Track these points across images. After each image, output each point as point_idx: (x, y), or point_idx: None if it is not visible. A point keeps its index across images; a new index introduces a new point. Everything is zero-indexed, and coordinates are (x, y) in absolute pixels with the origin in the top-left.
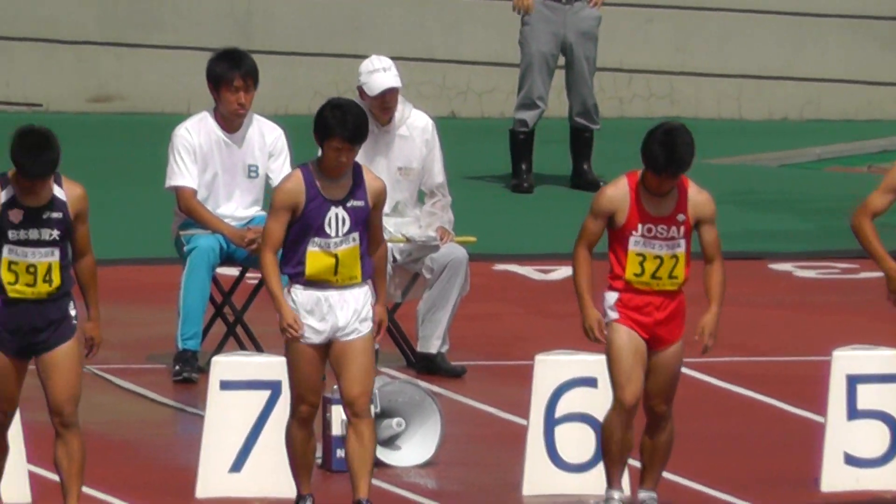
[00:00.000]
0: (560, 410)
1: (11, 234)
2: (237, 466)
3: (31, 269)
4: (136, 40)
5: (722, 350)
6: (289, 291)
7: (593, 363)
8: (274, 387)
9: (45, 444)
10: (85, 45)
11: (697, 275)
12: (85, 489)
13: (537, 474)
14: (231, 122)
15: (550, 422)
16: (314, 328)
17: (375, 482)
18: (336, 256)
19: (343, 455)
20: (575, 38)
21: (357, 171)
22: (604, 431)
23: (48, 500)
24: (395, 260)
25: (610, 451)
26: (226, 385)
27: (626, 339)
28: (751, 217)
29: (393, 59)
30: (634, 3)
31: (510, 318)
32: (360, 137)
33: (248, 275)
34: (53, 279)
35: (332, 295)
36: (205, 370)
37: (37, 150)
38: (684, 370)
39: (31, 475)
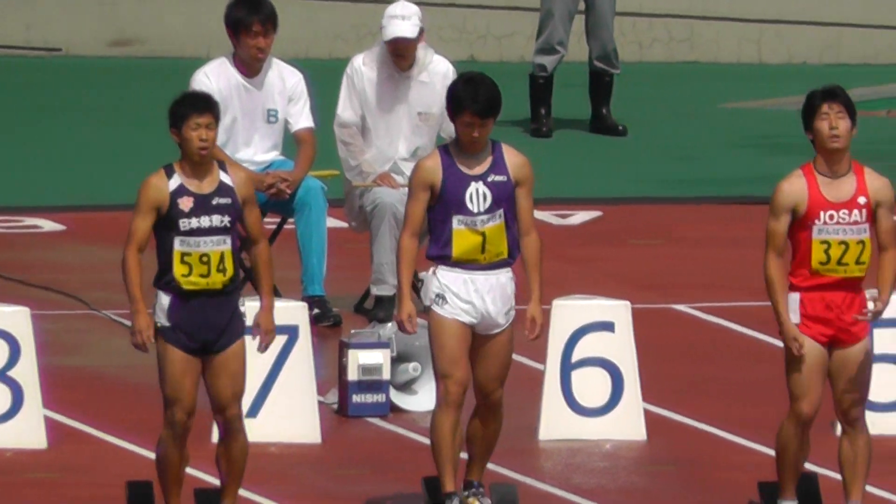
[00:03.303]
0: (577, 355)
1: (182, 224)
2: (253, 412)
3: (205, 259)
4: None
5: (745, 294)
6: (434, 273)
7: (611, 308)
8: (291, 332)
9: (61, 390)
10: None
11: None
12: (101, 434)
13: (553, 418)
14: (250, 67)
15: (567, 366)
16: (462, 308)
17: (391, 427)
18: (483, 234)
19: (360, 400)
20: None
21: (496, 147)
22: (778, 441)
23: (64, 444)
24: None
25: (784, 462)
26: None
27: (806, 349)
28: (771, 161)
29: (414, 2)
30: None
31: None
32: (491, 111)
33: (265, 219)
34: (227, 268)
35: (479, 278)
36: None
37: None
38: (714, 319)
39: (47, 420)
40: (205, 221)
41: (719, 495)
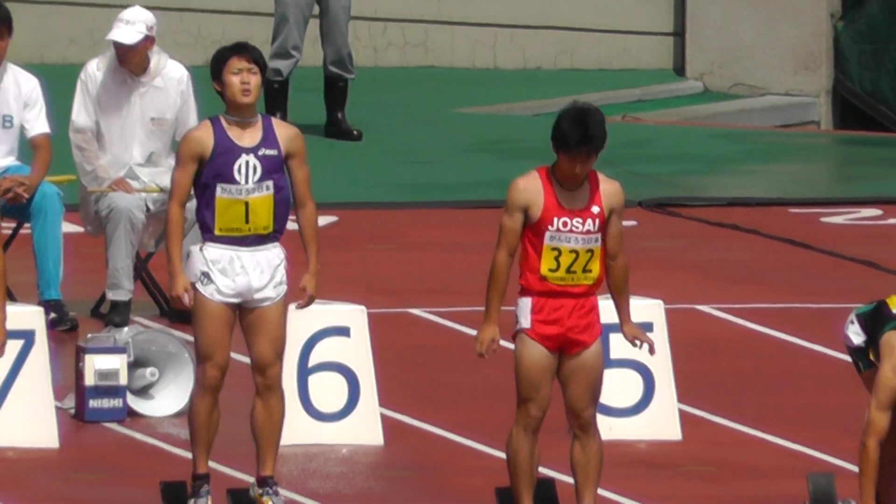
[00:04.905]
0: (313, 360)
1: None
2: None
3: None
4: None
5: (480, 298)
6: (201, 249)
7: (346, 313)
8: (27, 336)
9: None
10: None
11: None
12: None
13: (290, 423)
14: None
15: (303, 371)
16: (226, 286)
17: (128, 432)
18: (246, 203)
19: (97, 405)
20: None
21: (267, 121)
22: (509, 449)
23: None
24: (148, 209)
25: (518, 470)
26: None
27: (535, 352)
28: (506, 166)
29: (149, 8)
30: None
31: None
32: (257, 57)
33: (2, 224)
34: None
35: (244, 255)
36: None
37: None
38: (450, 323)
39: None
40: None
41: (457, 501)
